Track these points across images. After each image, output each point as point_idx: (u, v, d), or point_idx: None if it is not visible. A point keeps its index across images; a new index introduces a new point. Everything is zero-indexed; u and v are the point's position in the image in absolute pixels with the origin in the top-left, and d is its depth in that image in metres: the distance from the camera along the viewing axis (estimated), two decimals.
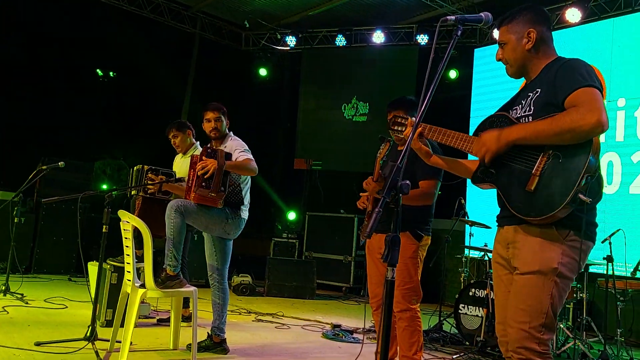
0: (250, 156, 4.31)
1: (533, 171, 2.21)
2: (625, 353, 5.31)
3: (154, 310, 5.66)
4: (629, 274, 5.50)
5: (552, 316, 2.21)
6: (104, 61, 11.47)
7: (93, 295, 4.09)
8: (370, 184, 3.46)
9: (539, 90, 2.33)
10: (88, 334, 3.95)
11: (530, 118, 2.32)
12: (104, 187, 10.31)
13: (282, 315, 6.30)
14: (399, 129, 2.70)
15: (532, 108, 2.32)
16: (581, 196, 2.10)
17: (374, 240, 3.65)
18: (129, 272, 3.98)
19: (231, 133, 4.56)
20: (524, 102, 2.39)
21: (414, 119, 2.40)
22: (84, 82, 11.23)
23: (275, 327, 5.64)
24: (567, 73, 2.24)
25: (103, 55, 11.05)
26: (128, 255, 4.01)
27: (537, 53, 2.41)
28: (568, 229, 2.20)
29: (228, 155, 4.19)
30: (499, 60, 2.51)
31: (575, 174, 2.11)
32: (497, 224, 2.49)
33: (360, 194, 3.58)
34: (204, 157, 4.06)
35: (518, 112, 2.40)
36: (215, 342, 4.32)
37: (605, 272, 5.20)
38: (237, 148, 4.35)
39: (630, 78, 7.00)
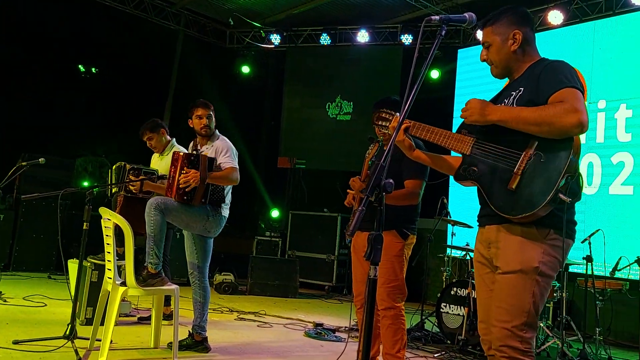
0: (235, 163, 4.28)
1: (515, 170, 2.22)
2: (603, 352, 5.39)
3: (135, 309, 5.61)
4: (608, 274, 5.57)
5: (534, 315, 2.23)
6: (85, 57, 11.34)
7: (73, 293, 4.04)
8: (356, 182, 3.47)
9: (522, 89, 2.35)
10: (67, 333, 3.90)
11: None
12: (85, 184, 10.20)
13: (265, 314, 6.28)
14: (384, 124, 2.70)
15: (515, 106, 2.34)
16: (561, 196, 2.12)
17: (360, 239, 3.66)
18: (110, 269, 3.95)
19: (217, 131, 4.52)
20: (506, 101, 2.41)
21: (399, 114, 2.41)
22: (66, 78, 11.10)
23: (258, 326, 5.63)
24: (551, 74, 2.27)
25: (85, 51, 10.92)
26: (109, 252, 3.97)
27: (522, 54, 2.43)
28: (548, 227, 2.23)
29: (211, 160, 4.16)
30: (483, 60, 2.52)
31: (556, 174, 2.13)
32: (477, 223, 2.51)
33: (347, 190, 3.58)
34: (185, 168, 4.02)
35: None
36: (197, 341, 4.29)
37: (584, 272, 5.27)
38: (222, 151, 4.31)
39: (610, 80, 7.09)
